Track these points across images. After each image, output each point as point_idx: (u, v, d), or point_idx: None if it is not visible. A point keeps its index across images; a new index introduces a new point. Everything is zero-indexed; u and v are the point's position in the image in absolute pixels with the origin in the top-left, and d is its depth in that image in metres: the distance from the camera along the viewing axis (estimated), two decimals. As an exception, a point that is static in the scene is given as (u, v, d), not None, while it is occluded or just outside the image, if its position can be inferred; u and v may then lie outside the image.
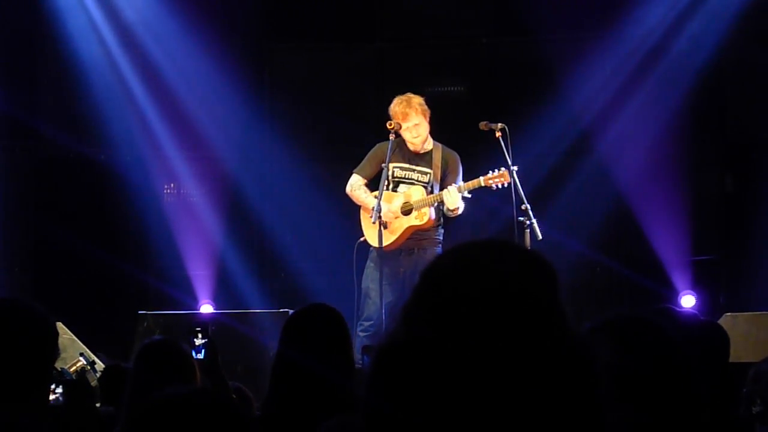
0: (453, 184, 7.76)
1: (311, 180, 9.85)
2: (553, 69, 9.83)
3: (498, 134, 7.66)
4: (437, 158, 7.97)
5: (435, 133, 8.19)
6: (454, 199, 7.68)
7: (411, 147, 8.00)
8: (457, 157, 8.03)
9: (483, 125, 7.80)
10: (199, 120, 9.92)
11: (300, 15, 10.32)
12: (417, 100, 7.94)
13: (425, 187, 7.92)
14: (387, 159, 7.80)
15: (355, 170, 8.15)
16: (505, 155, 7.61)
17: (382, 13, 10.28)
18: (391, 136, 7.85)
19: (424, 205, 7.84)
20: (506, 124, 7.69)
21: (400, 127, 7.90)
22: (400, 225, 7.87)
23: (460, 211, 7.82)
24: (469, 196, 7.81)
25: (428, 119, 7.96)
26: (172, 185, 10.18)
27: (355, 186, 8.12)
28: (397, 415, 1.38)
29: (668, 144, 9.70)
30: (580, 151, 9.85)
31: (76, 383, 3.83)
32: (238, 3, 10.20)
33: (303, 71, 10.35)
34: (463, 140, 8.01)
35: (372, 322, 7.90)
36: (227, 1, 10.18)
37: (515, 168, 7.57)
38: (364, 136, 8.59)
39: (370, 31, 10.32)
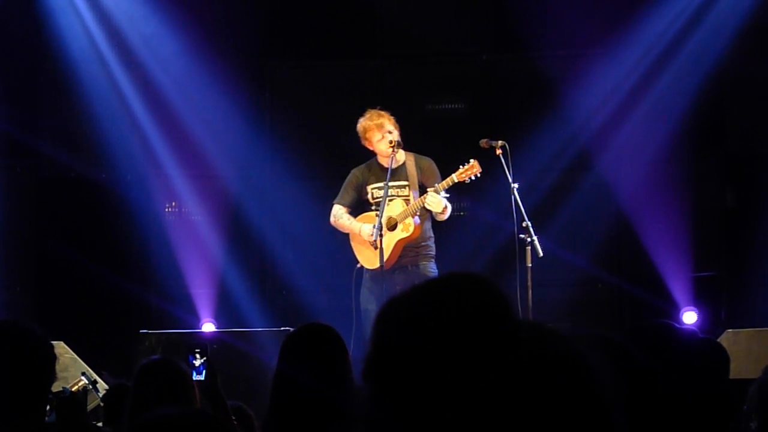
0: (430, 188, 7.79)
1: (312, 198, 9.85)
2: (553, 85, 9.85)
3: (498, 152, 7.66)
4: (411, 168, 8.02)
5: (435, 150, 8.22)
6: (437, 201, 7.70)
7: (385, 163, 8.03)
8: (431, 161, 8.09)
9: (483, 143, 7.81)
10: (200, 138, 9.94)
11: (300, 33, 10.34)
12: (388, 112, 8.04)
13: (406, 200, 7.95)
14: (387, 179, 7.84)
15: (335, 201, 8.23)
16: (505, 172, 7.62)
17: (382, 30, 10.30)
18: (393, 154, 7.90)
19: (406, 216, 7.88)
20: (506, 142, 7.69)
21: (401, 146, 7.95)
22: (390, 241, 7.88)
23: (448, 213, 7.84)
24: (448, 195, 7.81)
25: (399, 131, 8.04)
26: (173, 204, 10.20)
27: (338, 215, 8.23)
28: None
29: (669, 159, 9.71)
30: (580, 167, 9.86)
31: (68, 399, 3.82)
32: (239, 21, 10.22)
33: (303, 89, 10.36)
34: (463, 157, 8.01)
35: None
36: (228, 19, 10.20)
37: (516, 185, 7.58)
38: (364, 154, 8.59)
39: (370, 49, 10.34)
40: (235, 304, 9.75)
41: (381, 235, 7.69)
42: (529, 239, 7.47)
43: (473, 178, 7.71)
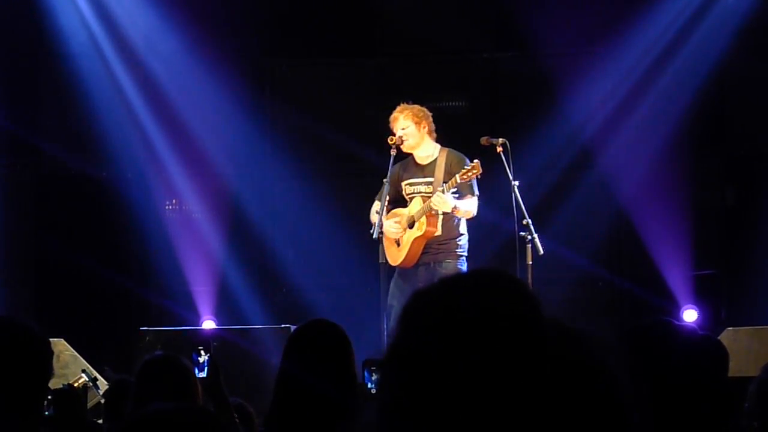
0: (438, 188, 7.74)
1: (312, 196, 9.86)
2: (554, 84, 9.85)
3: (499, 149, 7.65)
4: (441, 165, 7.91)
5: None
6: (442, 201, 7.62)
7: (418, 159, 8.01)
8: (462, 157, 7.88)
9: (484, 140, 7.79)
10: (201, 136, 9.94)
11: (300, 30, 10.34)
12: (414, 109, 7.94)
13: (426, 197, 7.90)
14: (388, 176, 7.81)
15: (376, 197, 8.15)
16: (506, 170, 7.61)
17: (383, 28, 10.30)
18: (392, 151, 7.85)
19: (421, 215, 7.83)
20: (507, 139, 7.69)
21: (402, 142, 7.90)
22: (408, 239, 7.87)
23: (472, 210, 7.76)
24: (455, 194, 7.73)
25: (424, 127, 7.93)
26: (173, 201, 10.20)
27: (372, 211, 8.13)
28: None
29: (669, 158, 9.70)
30: (581, 165, 9.86)
31: (66, 393, 3.82)
32: (239, 19, 10.23)
33: (303, 87, 10.37)
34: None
35: None
36: (228, 18, 10.20)
37: (516, 183, 7.56)
38: (364, 152, 8.60)
39: (371, 47, 10.34)
40: (235, 301, 9.76)
41: (381, 233, 7.69)
42: (529, 237, 7.46)
43: (475, 179, 7.68)
